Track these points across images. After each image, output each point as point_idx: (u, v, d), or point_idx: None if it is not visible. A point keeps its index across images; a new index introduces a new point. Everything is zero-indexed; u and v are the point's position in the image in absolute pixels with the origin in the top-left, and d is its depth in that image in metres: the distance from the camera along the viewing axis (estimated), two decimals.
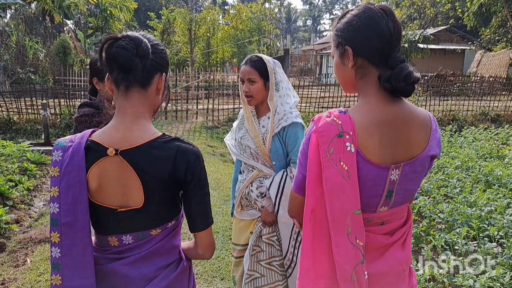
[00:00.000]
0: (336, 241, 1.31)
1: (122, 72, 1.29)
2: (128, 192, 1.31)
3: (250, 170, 2.51)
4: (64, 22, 23.58)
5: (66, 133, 10.44)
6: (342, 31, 1.37)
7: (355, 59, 1.35)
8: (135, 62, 1.28)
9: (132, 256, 1.35)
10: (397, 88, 1.28)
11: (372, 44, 1.31)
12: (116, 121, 1.34)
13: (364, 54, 1.34)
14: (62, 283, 1.30)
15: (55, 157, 1.33)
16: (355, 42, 1.34)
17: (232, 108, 12.20)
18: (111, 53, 1.27)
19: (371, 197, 1.34)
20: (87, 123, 2.34)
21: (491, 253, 3.33)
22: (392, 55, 1.31)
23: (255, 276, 2.47)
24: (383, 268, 1.40)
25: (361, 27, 1.32)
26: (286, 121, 2.38)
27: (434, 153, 1.38)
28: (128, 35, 1.29)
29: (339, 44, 1.39)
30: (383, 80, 1.30)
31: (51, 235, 1.31)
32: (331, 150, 1.28)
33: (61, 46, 18.67)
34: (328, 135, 1.29)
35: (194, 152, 1.34)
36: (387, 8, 1.34)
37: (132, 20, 27.13)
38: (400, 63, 1.29)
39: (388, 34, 1.30)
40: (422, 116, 1.38)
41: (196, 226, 1.40)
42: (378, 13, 1.32)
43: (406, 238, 1.48)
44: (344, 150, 1.27)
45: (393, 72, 1.28)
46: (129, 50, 1.26)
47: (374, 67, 1.34)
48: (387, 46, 1.31)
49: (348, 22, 1.36)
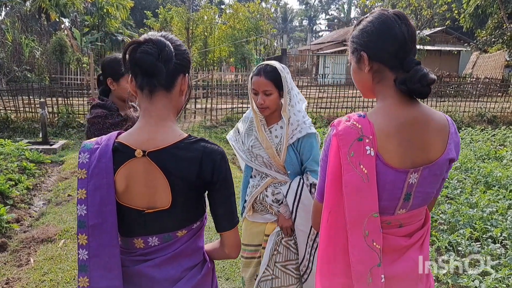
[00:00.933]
0: (353, 242, 1.33)
1: (146, 77, 1.30)
2: (155, 193, 1.31)
3: (264, 177, 2.50)
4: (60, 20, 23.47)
5: (63, 131, 10.41)
6: (357, 37, 1.40)
7: (370, 64, 1.37)
8: (158, 67, 1.28)
9: (158, 258, 1.35)
10: (413, 89, 1.30)
11: (387, 48, 1.34)
12: (141, 124, 1.34)
13: (379, 58, 1.36)
14: (89, 285, 1.31)
15: (81, 159, 1.34)
16: (369, 47, 1.36)
17: (231, 108, 12.20)
18: (135, 59, 1.27)
19: (389, 199, 1.36)
20: (100, 124, 2.32)
21: (495, 254, 3.37)
22: (407, 58, 1.33)
23: (270, 277, 2.48)
24: (402, 270, 1.42)
25: (374, 32, 1.35)
26: (301, 132, 2.36)
27: (452, 156, 1.39)
28: (151, 39, 1.29)
29: (355, 50, 1.41)
30: (398, 82, 1.32)
31: (78, 237, 1.31)
32: (351, 153, 1.30)
33: (57, 44, 18.59)
34: (348, 139, 1.30)
35: (219, 152, 1.34)
36: (400, 13, 1.36)
37: (128, 18, 27.07)
38: (415, 65, 1.31)
39: (402, 38, 1.33)
40: (439, 119, 1.39)
41: (222, 226, 1.40)
42: (391, 17, 1.34)
43: (424, 240, 1.50)
44: (364, 153, 1.29)
45: (408, 74, 1.30)
46: (152, 55, 1.26)
47: (390, 70, 1.36)
48: (402, 49, 1.33)
49: (363, 28, 1.39)
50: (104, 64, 2.48)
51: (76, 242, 3.91)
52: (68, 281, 3.53)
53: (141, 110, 1.35)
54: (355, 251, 1.33)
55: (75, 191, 6.09)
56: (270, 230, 2.51)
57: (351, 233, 1.32)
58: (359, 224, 1.31)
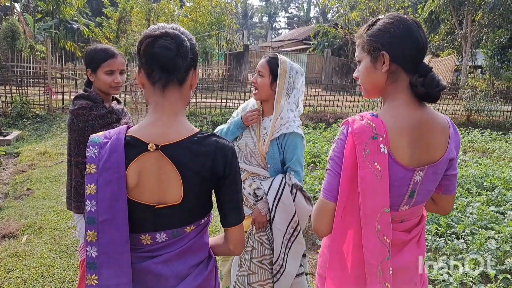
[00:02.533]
0: (366, 236, 1.38)
1: (165, 72, 1.28)
2: (166, 188, 1.30)
3: (243, 170, 2.53)
4: (12, 4, 22.22)
5: (17, 122, 9.91)
6: (378, 37, 1.42)
7: (390, 64, 1.41)
8: (178, 62, 1.27)
9: (165, 254, 1.34)
10: (430, 93, 1.37)
11: (408, 52, 1.39)
12: (153, 118, 1.32)
13: (399, 60, 1.41)
14: (98, 283, 1.28)
15: (90, 153, 1.30)
16: (392, 49, 1.40)
17: (194, 103, 12.06)
18: (153, 53, 1.25)
19: (396, 196, 1.42)
20: (85, 116, 2.25)
21: (458, 249, 3.57)
22: (422, 63, 1.41)
23: (247, 273, 2.50)
24: (402, 263, 1.49)
25: (398, 35, 1.39)
26: (288, 129, 2.41)
27: (453, 155, 1.48)
28: (168, 33, 1.26)
29: (375, 49, 1.43)
30: (418, 85, 1.38)
31: (87, 234, 1.28)
32: (367, 151, 1.35)
33: (9, 30, 17.61)
34: (364, 137, 1.35)
35: (230, 147, 1.35)
36: (416, 21, 1.44)
37: (84, 6, 26.08)
38: (430, 71, 1.39)
39: (421, 44, 1.40)
40: (441, 120, 1.47)
41: (229, 221, 1.40)
42: (412, 23, 1.40)
43: (421, 236, 1.58)
44: (378, 151, 1.35)
45: (426, 79, 1.37)
46: (172, 50, 1.25)
47: (405, 73, 1.42)
48: (419, 54, 1.41)
49: (384, 29, 1.41)
50: (86, 54, 2.42)
51: (40, 238, 3.78)
52: (36, 278, 3.39)
53: (152, 104, 1.33)
54: (369, 245, 1.38)
55: (34, 184, 5.86)
56: (246, 226, 2.52)
57: (365, 228, 1.38)
58: (373, 219, 1.37)
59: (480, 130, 11.59)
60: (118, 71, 2.37)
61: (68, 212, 4.80)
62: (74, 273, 3.50)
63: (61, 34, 25.04)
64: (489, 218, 4.22)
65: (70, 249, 3.94)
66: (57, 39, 24.28)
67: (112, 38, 23.66)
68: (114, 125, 2.35)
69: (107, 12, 24.12)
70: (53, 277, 3.45)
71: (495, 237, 3.69)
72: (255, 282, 2.52)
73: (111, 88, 2.35)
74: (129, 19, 23.98)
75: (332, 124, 10.96)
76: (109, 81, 2.33)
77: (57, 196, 5.40)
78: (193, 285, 1.36)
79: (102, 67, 2.31)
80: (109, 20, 24.35)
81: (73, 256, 3.81)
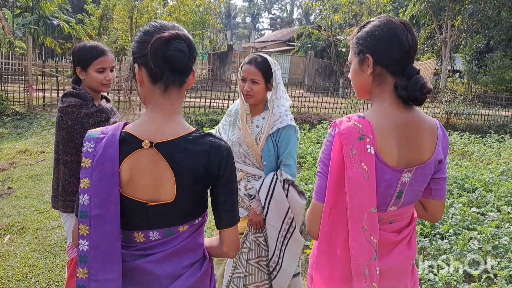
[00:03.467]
0: (353, 236, 1.40)
1: (177, 75, 1.29)
2: (160, 186, 1.30)
3: (238, 170, 2.53)
4: None
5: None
6: (364, 39, 1.45)
7: (374, 67, 1.44)
8: (189, 65, 1.29)
9: (158, 253, 1.33)
10: (412, 96, 1.39)
11: (392, 54, 1.41)
12: (150, 116, 1.32)
13: (383, 63, 1.43)
14: (88, 277, 1.28)
15: (86, 148, 1.31)
16: (376, 51, 1.42)
17: None
18: (168, 56, 1.24)
19: (383, 197, 1.44)
20: (74, 114, 2.22)
21: (442, 249, 3.65)
22: (409, 66, 1.42)
23: (243, 274, 2.50)
24: (392, 264, 1.51)
25: (383, 38, 1.41)
26: (282, 123, 2.44)
27: (441, 157, 1.50)
28: (180, 35, 1.27)
29: (360, 52, 1.46)
30: (400, 88, 1.40)
31: (79, 227, 1.28)
32: (354, 151, 1.36)
33: None
34: (351, 138, 1.37)
35: (226, 147, 1.35)
36: (406, 22, 1.44)
37: (65, 2, 25.58)
38: (416, 74, 1.40)
39: (407, 47, 1.40)
40: (429, 122, 1.49)
41: (223, 222, 1.39)
42: (399, 26, 1.41)
43: (412, 237, 1.60)
44: (365, 151, 1.37)
45: (410, 81, 1.38)
46: (185, 53, 1.26)
47: (391, 75, 1.43)
48: (405, 57, 1.41)
49: (370, 32, 1.44)
50: (74, 52, 2.39)
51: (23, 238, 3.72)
52: (20, 279, 3.33)
53: (150, 103, 1.33)
54: (355, 244, 1.40)
55: (15, 183, 5.74)
56: (242, 227, 2.52)
57: (352, 228, 1.39)
58: (359, 219, 1.38)
59: (459, 133, 11.86)
60: (109, 68, 2.35)
61: (51, 212, 4.72)
62: (59, 274, 3.45)
63: (40, 30, 24.51)
64: (470, 219, 4.33)
65: (55, 249, 3.88)
66: (37, 35, 23.75)
67: (94, 36, 23.31)
68: (103, 124, 2.32)
69: (89, 9, 23.78)
70: (38, 277, 3.38)
71: (477, 238, 3.79)
72: (251, 284, 2.52)
73: (102, 86, 2.33)
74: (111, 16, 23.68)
75: (316, 125, 11.04)
76: (101, 78, 2.30)
77: (40, 195, 5.30)
78: (186, 285, 1.35)
79: (93, 65, 2.29)
80: (91, 17, 23.97)
81: (58, 256, 3.75)
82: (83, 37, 23.08)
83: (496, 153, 9.22)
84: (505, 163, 7.83)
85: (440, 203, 1.61)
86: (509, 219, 4.55)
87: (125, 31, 22.75)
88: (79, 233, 1.28)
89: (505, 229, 4.02)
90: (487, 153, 9.07)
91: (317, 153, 7.19)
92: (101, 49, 2.31)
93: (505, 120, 13.92)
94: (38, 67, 11.67)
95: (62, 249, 3.87)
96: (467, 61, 23.40)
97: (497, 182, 5.90)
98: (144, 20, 22.09)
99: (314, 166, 6.28)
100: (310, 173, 5.61)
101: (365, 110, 13.30)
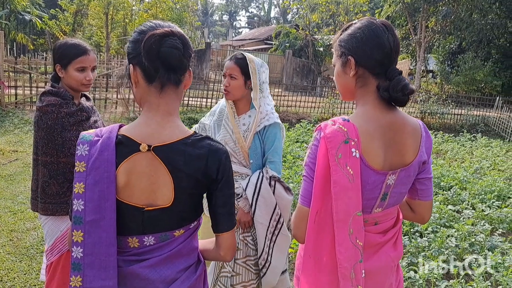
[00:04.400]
0: (339, 240, 1.39)
1: (171, 72, 1.26)
2: (157, 190, 1.26)
3: None
4: None
5: None
6: (346, 42, 1.45)
7: (356, 69, 1.44)
8: (184, 63, 1.26)
9: (153, 258, 1.30)
10: (394, 97, 1.39)
11: (373, 56, 1.41)
12: (147, 117, 1.29)
13: (365, 64, 1.43)
14: (82, 285, 1.24)
15: (80, 151, 1.26)
16: (357, 53, 1.42)
17: None
18: (161, 52, 1.22)
19: (368, 199, 1.45)
20: (54, 113, 2.14)
21: (421, 247, 3.72)
22: (391, 67, 1.42)
23: (230, 274, 2.49)
24: (378, 264, 1.52)
25: (364, 39, 1.41)
26: (268, 121, 2.47)
27: (425, 158, 1.51)
28: (174, 32, 1.24)
29: (342, 54, 1.46)
30: (382, 89, 1.40)
31: (73, 234, 1.24)
32: (339, 155, 1.36)
33: None
34: (336, 141, 1.37)
35: (224, 151, 1.33)
36: (387, 24, 1.44)
37: None
38: (398, 75, 1.40)
39: (388, 47, 1.40)
40: (413, 124, 1.49)
41: (220, 226, 1.37)
42: (380, 27, 1.41)
43: (397, 238, 1.62)
44: (350, 155, 1.36)
45: (391, 83, 1.38)
46: (180, 50, 1.23)
47: (373, 77, 1.43)
48: (387, 58, 1.41)
49: (352, 34, 1.44)
50: (55, 48, 2.31)
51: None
52: None
53: (146, 104, 1.30)
54: (342, 248, 1.39)
55: None
56: None
57: (338, 231, 1.39)
58: (345, 222, 1.38)
59: (433, 132, 12.13)
60: (90, 68, 2.28)
61: (26, 213, 4.59)
62: (36, 277, 3.35)
63: (12, 25, 23.81)
64: (447, 217, 4.43)
65: (30, 252, 3.77)
66: (8, 30, 23.05)
67: (68, 32, 22.78)
68: (84, 123, 2.26)
69: (62, 4, 23.22)
70: (13, 281, 3.28)
71: (455, 235, 3.88)
72: (238, 284, 2.51)
73: (82, 86, 2.26)
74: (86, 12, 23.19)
75: (295, 124, 11.09)
76: (81, 78, 2.23)
77: (13, 195, 5.14)
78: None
79: (73, 64, 2.22)
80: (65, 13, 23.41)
81: (34, 259, 3.64)
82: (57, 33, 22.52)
83: (469, 151, 9.49)
84: (477, 162, 8.06)
85: (427, 204, 1.61)
86: (483, 216, 4.69)
87: (101, 27, 22.35)
88: (73, 240, 1.24)
89: (481, 227, 4.13)
90: (461, 151, 9.32)
91: (297, 152, 7.23)
92: (83, 48, 2.25)
93: (477, 120, 14.30)
94: (10, 63, 11.33)
95: (38, 252, 3.77)
96: (440, 62, 23.95)
97: (471, 180, 6.07)
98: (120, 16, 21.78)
99: (294, 165, 6.31)
100: (291, 172, 5.64)
101: (342, 109, 13.45)
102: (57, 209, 2.16)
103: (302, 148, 7.78)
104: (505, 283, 3.08)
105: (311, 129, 10.30)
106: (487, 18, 20.47)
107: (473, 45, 22.24)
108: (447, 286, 3.08)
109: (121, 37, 23.47)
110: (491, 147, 9.92)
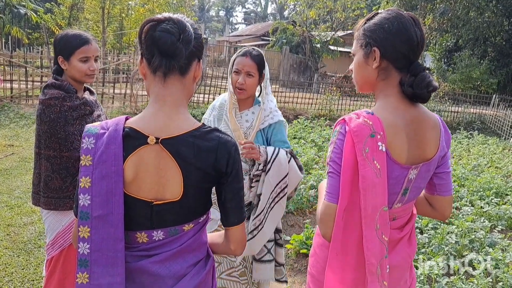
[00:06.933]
0: (367, 235, 1.36)
1: (165, 58, 1.21)
2: (165, 184, 1.23)
3: None
4: None
5: None
6: (372, 32, 1.40)
7: (381, 61, 1.40)
8: (179, 48, 1.20)
9: (162, 254, 1.27)
10: (418, 94, 1.36)
11: (400, 49, 1.37)
12: (154, 109, 1.26)
13: (390, 57, 1.39)
14: (89, 281, 1.21)
15: (86, 144, 1.22)
16: (384, 45, 1.38)
17: None
18: (154, 37, 1.18)
19: (391, 194, 1.42)
20: (57, 107, 2.11)
21: (421, 244, 3.72)
22: (415, 62, 1.39)
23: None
24: (396, 260, 1.50)
25: (392, 31, 1.36)
26: (273, 119, 2.43)
27: (444, 152, 1.50)
28: (172, 18, 1.21)
29: (367, 44, 1.42)
30: (406, 85, 1.37)
31: (79, 229, 1.20)
32: (366, 149, 1.33)
33: None
34: (362, 135, 1.33)
35: (233, 143, 1.30)
36: (415, 16, 1.41)
37: None
38: (423, 71, 1.38)
39: (416, 42, 1.37)
40: (433, 118, 1.48)
41: (230, 220, 1.35)
42: (409, 20, 1.38)
43: (411, 233, 1.60)
44: (377, 149, 1.33)
45: (416, 78, 1.36)
46: (174, 35, 1.19)
47: (396, 70, 1.40)
48: (413, 52, 1.39)
49: (379, 24, 1.39)
50: (56, 40, 2.27)
51: None
52: None
53: (152, 94, 1.27)
54: (370, 244, 1.36)
55: None
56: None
57: (366, 227, 1.36)
58: (373, 218, 1.36)
59: None
60: (93, 58, 2.25)
61: (23, 207, 4.55)
62: (34, 272, 3.32)
63: (6, 19, 23.55)
64: None
65: (28, 246, 3.73)
66: (2, 24, 22.81)
67: (64, 26, 22.59)
68: (87, 117, 2.24)
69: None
70: (11, 276, 3.24)
71: (455, 232, 3.88)
72: None
73: (86, 76, 2.23)
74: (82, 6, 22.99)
75: (293, 121, 11.07)
76: (84, 68, 2.20)
77: (10, 190, 5.09)
78: (191, 285, 1.30)
79: (76, 54, 2.18)
80: (60, 7, 23.19)
81: (32, 253, 3.61)
82: (52, 27, 22.32)
83: (466, 149, 9.51)
84: (475, 159, 8.08)
85: (447, 199, 1.57)
86: (482, 213, 4.70)
87: (97, 21, 22.15)
88: (79, 236, 1.21)
89: (480, 224, 4.13)
90: (458, 149, 9.34)
91: (295, 148, 7.20)
92: (84, 38, 2.21)
93: (473, 117, 14.35)
94: (5, 57, 11.21)
95: (36, 246, 3.73)
96: (437, 59, 23.94)
97: (469, 177, 6.08)
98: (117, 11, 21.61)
99: None
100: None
101: (340, 106, 13.44)
102: (59, 204, 2.14)
103: (300, 144, 7.76)
104: (505, 279, 3.08)
105: (308, 125, 10.28)
106: (483, 16, 20.46)
107: (470, 43, 22.25)
108: (448, 282, 3.08)
109: (117, 31, 23.31)
110: (488, 145, 9.95)
